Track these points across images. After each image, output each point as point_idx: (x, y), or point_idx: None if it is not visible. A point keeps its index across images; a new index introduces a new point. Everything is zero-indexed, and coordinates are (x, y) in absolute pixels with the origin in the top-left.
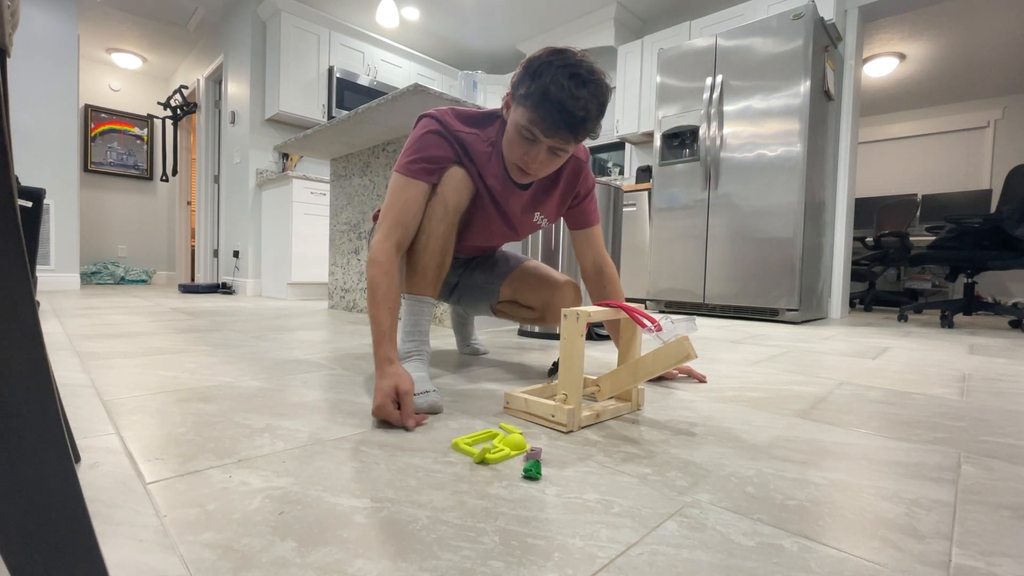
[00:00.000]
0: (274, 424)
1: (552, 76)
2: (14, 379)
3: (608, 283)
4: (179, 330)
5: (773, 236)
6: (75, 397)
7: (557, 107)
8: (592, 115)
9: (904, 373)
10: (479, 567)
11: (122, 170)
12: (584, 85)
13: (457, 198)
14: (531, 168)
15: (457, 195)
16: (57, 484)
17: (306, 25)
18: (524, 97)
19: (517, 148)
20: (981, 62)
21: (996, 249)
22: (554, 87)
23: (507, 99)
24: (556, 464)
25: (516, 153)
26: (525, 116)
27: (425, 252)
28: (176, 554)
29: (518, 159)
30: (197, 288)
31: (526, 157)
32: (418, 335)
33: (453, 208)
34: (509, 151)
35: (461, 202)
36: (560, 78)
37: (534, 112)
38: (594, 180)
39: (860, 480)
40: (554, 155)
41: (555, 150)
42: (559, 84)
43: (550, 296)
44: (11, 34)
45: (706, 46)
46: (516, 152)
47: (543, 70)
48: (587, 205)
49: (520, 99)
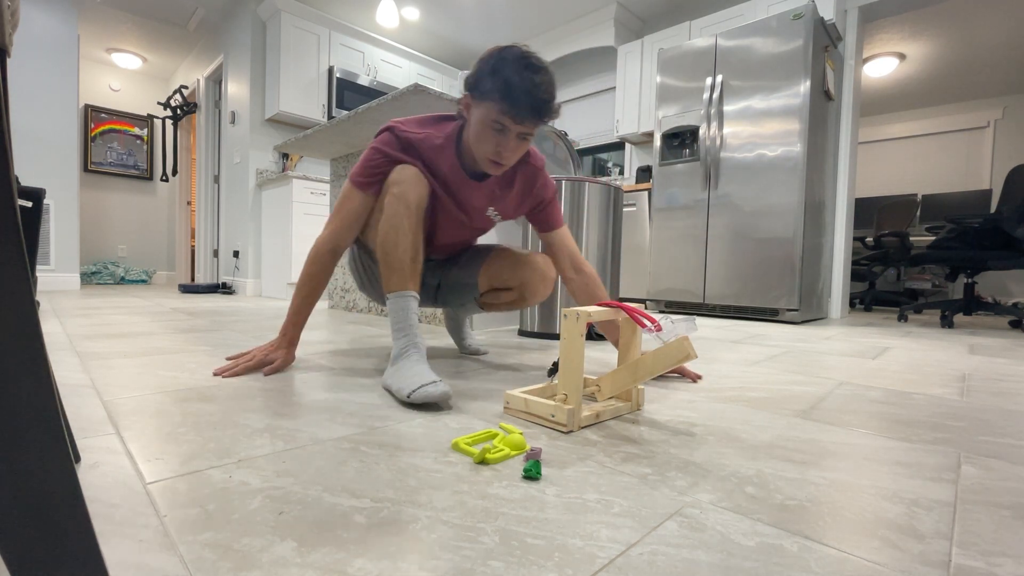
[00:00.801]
0: (274, 424)
1: (510, 69)
2: (14, 379)
3: (590, 279)
4: (179, 330)
5: (773, 236)
6: (75, 397)
7: (522, 95)
8: (552, 97)
9: (904, 373)
10: (479, 567)
11: (122, 170)
12: (538, 72)
13: (417, 192)
14: (504, 157)
15: (416, 190)
16: (57, 484)
17: (306, 25)
18: (488, 93)
19: (489, 141)
20: (981, 62)
21: (996, 249)
22: (516, 78)
23: (466, 100)
24: (556, 464)
25: (488, 147)
26: (493, 109)
27: (397, 248)
28: (176, 554)
29: (491, 152)
30: (197, 288)
31: (499, 147)
32: (408, 330)
33: (415, 203)
34: (480, 147)
35: (421, 196)
36: (519, 70)
37: (502, 103)
38: (554, 185)
39: (860, 480)
40: (523, 140)
41: (524, 135)
42: (519, 75)
43: (524, 273)
44: (11, 34)
45: (706, 46)
46: (488, 145)
47: (499, 66)
48: (552, 209)
49: (483, 96)
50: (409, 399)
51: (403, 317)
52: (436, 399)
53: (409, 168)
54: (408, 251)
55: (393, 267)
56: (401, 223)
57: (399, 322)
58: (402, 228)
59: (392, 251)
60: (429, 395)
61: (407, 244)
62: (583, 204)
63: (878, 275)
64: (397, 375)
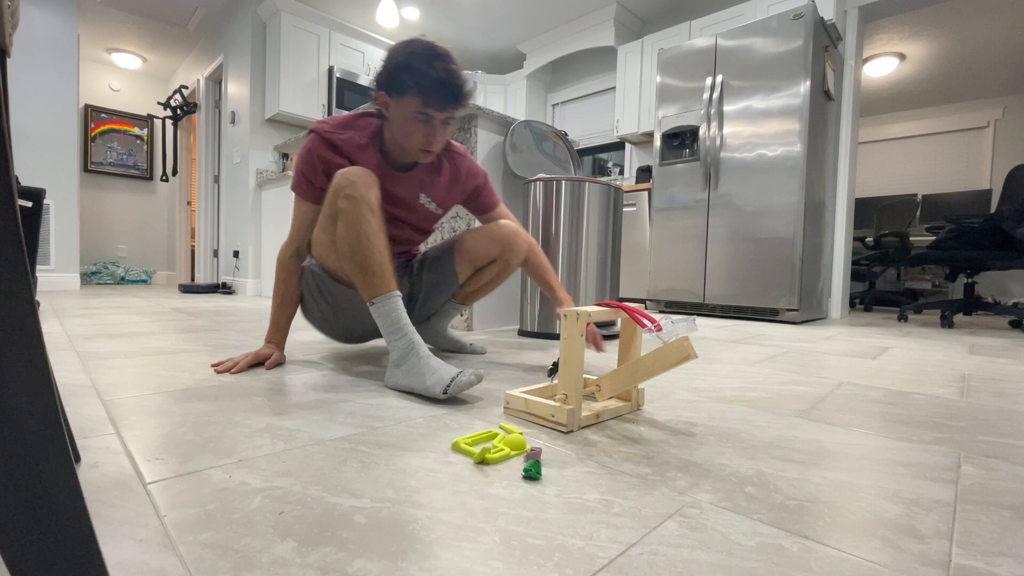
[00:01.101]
0: (274, 424)
1: (423, 63)
2: (14, 379)
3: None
4: (179, 330)
5: (773, 236)
6: (75, 397)
7: (441, 86)
8: (465, 81)
9: (904, 373)
10: (479, 567)
11: (122, 170)
12: (448, 60)
13: (374, 191)
14: (433, 144)
15: (373, 189)
16: (57, 484)
17: (306, 25)
18: (407, 89)
19: (416, 133)
20: (981, 62)
21: (996, 249)
22: (431, 71)
23: (383, 99)
24: (556, 464)
25: (417, 138)
26: (415, 102)
27: (372, 250)
28: (176, 554)
29: (420, 143)
30: (197, 288)
31: (427, 136)
32: (404, 329)
33: (375, 202)
34: (409, 140)
35: (378, 194)
36: (431, 61)
37: (424, 95)
38: (483, 170)
39: (860, 480)
40: (447, 125)
41: (447, 120)
42: (433, 67)
43: (500, 234)
44: (11, 34)
45: (706, 46)
46: (416, 137)
47: (411, 62)
48: (486, 191)
49: (402, 92)
50: (447, 394)
51: (395, 318)
52: (473, 385)
53: (355, 168)
54: (383, 251)
55: (371, 270)
56: (369, 225)
57: (392, 324)
58: (371, 229)
59: (368, 254)
60: (465, 384)
61: (380, 244)
62: (583, 204)
63: (878, 275)
64: (413, 375)
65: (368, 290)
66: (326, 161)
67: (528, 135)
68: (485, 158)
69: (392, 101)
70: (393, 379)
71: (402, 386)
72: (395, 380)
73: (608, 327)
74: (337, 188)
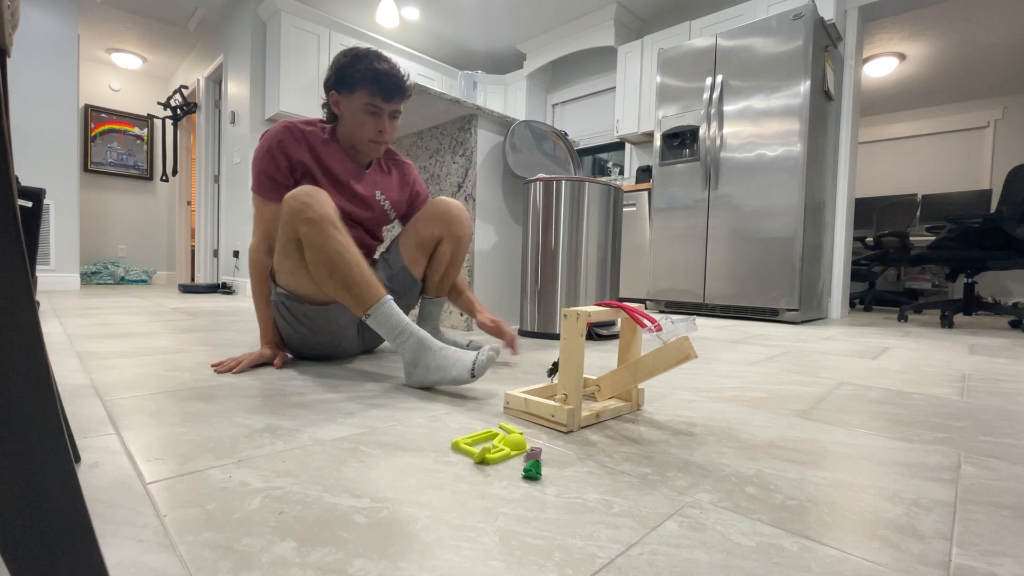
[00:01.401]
0: (274, 424)
1: (368, 62)
2: (14, 379)
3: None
4: (179, 330)
5: (773, 236)
6: (75, 397)
7: (386, 78)
8: (407, 76)
9: (904, 373)
10: (479, 567)
11: (122, 170)
12: (388, 60)
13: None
14: (384, 135)
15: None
16: (57, 484)
17: (306, 25)
18: (356, 84)
19: (367, 125)
20: (981, 62)
21: (996, 249)
22: (377, 67)
23: (334, 98)
24: (556, 464)
25: (367, 130)
26: (364, 96)
27: (350, 264)
28: (176, 554)
29: (371, 134)
30: (197, 288)
31: (377, 127)
32: (407, 328)
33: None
34: (360, 132)
35: (335, 208)
36: (374, 62)
37: (371, 87)
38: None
39: (860, 480)
40: (394, 118)
41: (394, 113)
42: (378, 65)
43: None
44: (11, 34)
45: (706, 46)
46: (367, 129)
47: (357, 62)
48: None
49: (351, 88)
50: (475, 376)
51: (394, 323)
52: (494, 360)
53: (302, 188)
54: (361, 262)
55: (355, 285)
56: (338, 243)
57: (393, 328)
58: (341, 246)
59: (347, 271)
60: (487, 361)
61: (356, 257)
62: (583, 204)
63: (878, 275)
64: (434, 370)
65: (358, 305)
66: (289, 157)
67: (528, 135)
68: (485, 158)
69: (342, 98)
70: (416, 378)
71: (428, 382)
72: (419, 379)
73: (608, 327)
74: (293, 213)
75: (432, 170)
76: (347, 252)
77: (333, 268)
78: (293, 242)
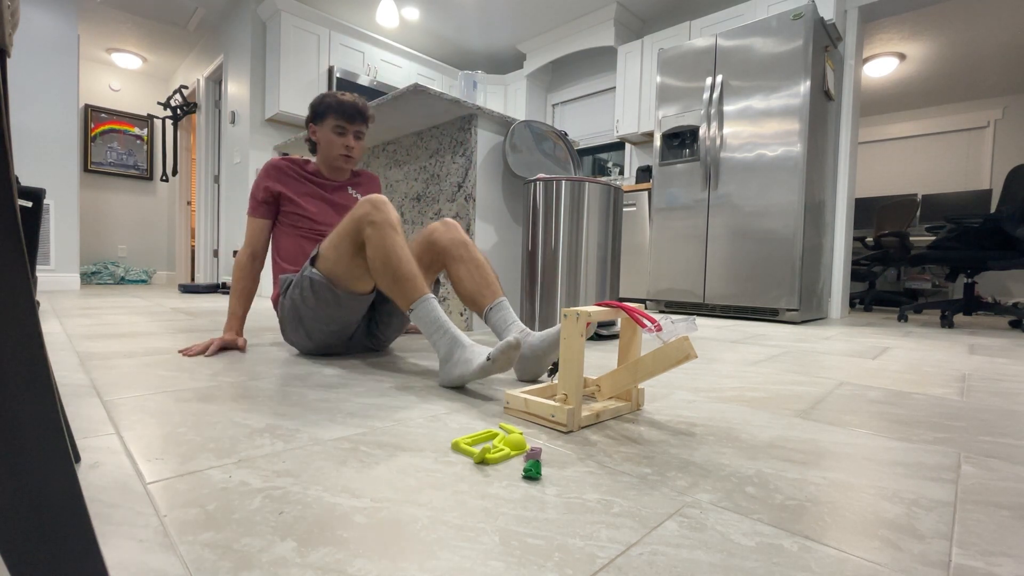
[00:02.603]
0: (274, 424)
1: (333, 96)
2: (14, 379)
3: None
4: (179, 330)
5: (773, 236)
6: (75, 397)
7: (348, 105)
8: (366, 104)
9: (904, 373)
10: (479, 567)
11: (122, 170)
12: (352, 94)
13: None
14: (352, 151)
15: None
16: (57, 484)
17: (306, 25)
18: (325, 113)
19: (336, 144)
20: (981, 62)
21: (996, 249)
22: (340, 98)
23: (311, 129)
24: (556, 464)
25: (337, 147)
26: (332, 120)
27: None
28: (176, 554)
29: (341, 149)
30: (197, 288)
31: (345, 144)
32: (445, 326)
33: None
34: (331, 150)
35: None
36: (338, 95)
37: (336, 112)
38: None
39: (860, 480)
40: (359, 138)
41: (359, 133)
42: (342, 96)
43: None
44: (11, 34)
45: (706, 46)
46: (337, 147)
47: (325, 98)
48: None
49: (323, 117)
50: (491, 359)
51: (434, 318)
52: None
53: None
54: (411, 262)
55: (404, 280)
56: (394, 242)
57: (432, 323)
58: (398, 245)
59: (398, 266)
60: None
61: (407, 257)
62: (583, 204)
63: (878, 275)
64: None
65: (404, 298)
66: (269, 189)
67: (528, 135)
68: (485, 158)
69: (317, 127)
70: (447, 376)
71: (455, 377)
72: (447, 374)
73: (608, 327)
74: (362, 215)
75: (432, 170)
76: (400, 251)
77: (387, 263)
78: (348, 237)
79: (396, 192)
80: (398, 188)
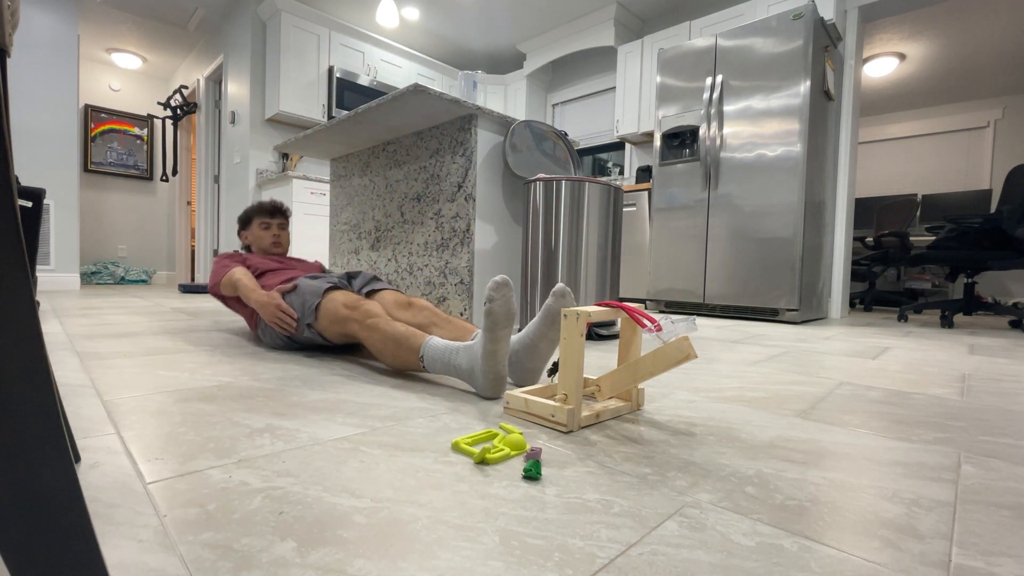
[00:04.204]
0: (274, 424)
1: (254, 205)
2: (14, 379)
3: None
4: (179, 330)
5: (773, 236)
6: (75, 397)
7: (267, 204)
8: (281, 204)
9: (904, 373)
10: (479, 567)
11: (122, 170)
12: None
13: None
14: (280, 239)
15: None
16: (57, 484)
17: (306, 25)
18: (250, 217)
19: (265, 236)
20: (981, 62)
21: (996, 249)
22: (260, 203)
23: (244, 236)
24: (556, 464)
25: (266, 239)
26: (258, 219)
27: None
28: (176, 554)
29: (269, 240)
30: (197, 288)
31: (272, 236)
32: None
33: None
34: (262, 243)
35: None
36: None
37: (259, 212)
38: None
39: (860, 480)
40: (283, 228)
41: (282, 225)
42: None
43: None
44: (11, 34)
45: (706, 46)
46: (266, 240)
47: (248, 210)
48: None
49: (248, 221)
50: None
51: (445, 357)
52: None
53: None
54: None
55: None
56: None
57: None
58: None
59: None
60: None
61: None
62: (583, 204)
63: (878, 275)
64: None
65: (412, 358)
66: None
67: (528, 135)
68: (485, 158)
69: (248, 232)
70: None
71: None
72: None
73: (608, 327)
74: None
75: (432, 170)
76: (388, 327)
77: (384, 349)
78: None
79: (396, 192)
80: (398, 188)
